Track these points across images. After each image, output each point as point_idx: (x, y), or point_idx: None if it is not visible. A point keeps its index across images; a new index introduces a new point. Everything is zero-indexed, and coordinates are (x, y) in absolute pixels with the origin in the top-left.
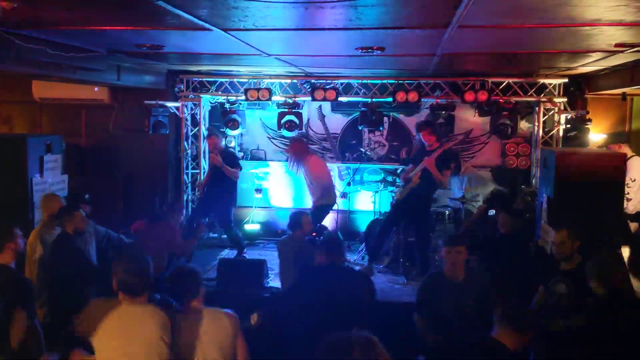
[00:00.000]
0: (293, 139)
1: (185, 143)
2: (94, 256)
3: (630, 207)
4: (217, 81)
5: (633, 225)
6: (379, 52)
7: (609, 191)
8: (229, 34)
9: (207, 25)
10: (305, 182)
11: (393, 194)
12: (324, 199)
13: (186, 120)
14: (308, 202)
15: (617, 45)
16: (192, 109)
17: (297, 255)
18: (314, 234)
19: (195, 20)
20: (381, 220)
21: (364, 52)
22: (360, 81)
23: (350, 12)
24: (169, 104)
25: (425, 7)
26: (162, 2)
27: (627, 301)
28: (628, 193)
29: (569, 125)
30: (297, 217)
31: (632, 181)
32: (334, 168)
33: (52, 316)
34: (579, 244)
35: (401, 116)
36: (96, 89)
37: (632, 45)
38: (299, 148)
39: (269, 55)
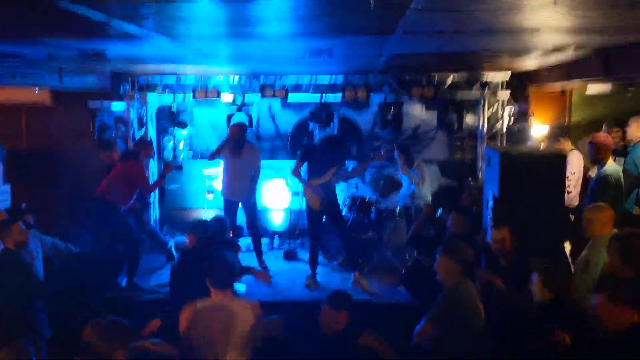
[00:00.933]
0: (236, 123)
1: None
2: (40, 269)
3: (570, 199)
4: (163, 80)
5: (574, 218)
6: (326, 54)
7: (551, 188)
8: (174, 40)
9: (151, 34)
10: None
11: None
12: (223, 192)
13: (132, 121)
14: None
15: (555, 47)
16: (138, 110)
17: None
18: (230, 233)
19: (140, 30)
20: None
21: (312, 54)
22: (309, 78)
23: (297, 24)
24: (114, 106)
25: (371, 16)
26: (115, 20)
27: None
28: (568, 186)
29: (512, 119)
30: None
31: (572, 174)
32: (286, 167)
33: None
34: (517, 241)
35: (351, 113)
36: (37, 91)
37: (569, 47)
38: (240, 132)
39: (216, 57)
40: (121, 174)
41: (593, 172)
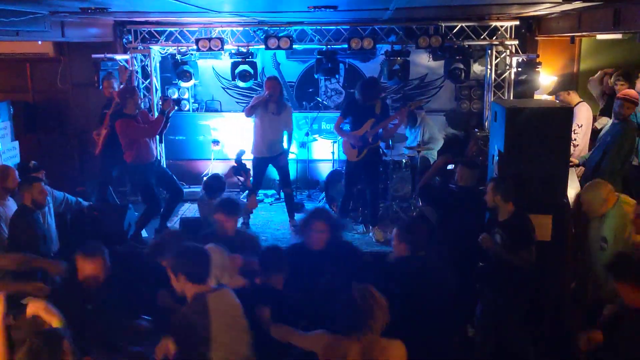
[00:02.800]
0: (272, 77)
1: None
2: (53, 225)
3: (576, 152)
4: (166, 30)
5: (579, 170)
6: (331, 10)
7: (556, 144)
8: (177, 0)
9: None
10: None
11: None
12: (254, 150)
13: (136, 72)
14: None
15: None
16: (142, 61)
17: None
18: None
19: None
20: (343, 185)
21: (317, 9)
22: (314, 27)
23: None
24: (118, 57)
25: None
26: None
27: None
28: (575, 139)
29: (520, 69)
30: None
31: (579, 127)
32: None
33: None
34: (500, 198)
35: (357, 63)
36: (40, 42)
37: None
38: (277, 87)
39: (220, 12)
40: (121, 137)
41: (599, 124)
